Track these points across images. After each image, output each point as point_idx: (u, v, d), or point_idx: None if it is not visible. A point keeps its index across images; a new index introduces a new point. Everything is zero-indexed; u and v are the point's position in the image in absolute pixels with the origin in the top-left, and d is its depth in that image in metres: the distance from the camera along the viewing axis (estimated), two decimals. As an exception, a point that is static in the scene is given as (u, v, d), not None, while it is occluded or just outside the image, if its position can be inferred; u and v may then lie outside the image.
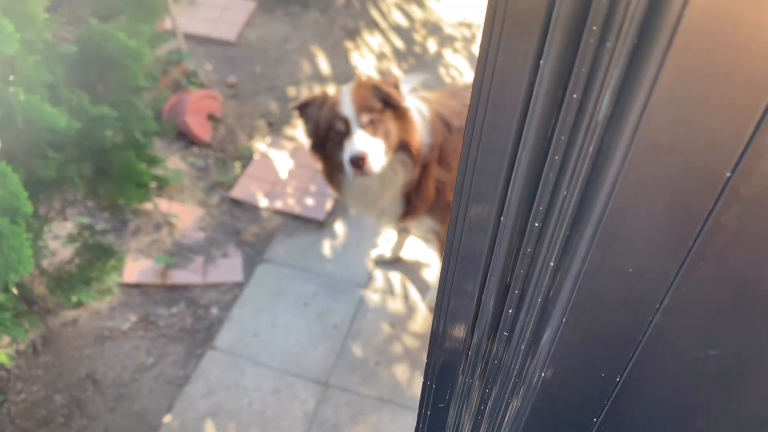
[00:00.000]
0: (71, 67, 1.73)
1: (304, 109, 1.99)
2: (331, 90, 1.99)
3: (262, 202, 2.89)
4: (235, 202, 2.91)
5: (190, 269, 2.64)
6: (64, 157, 1.76)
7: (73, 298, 2.06)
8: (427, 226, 2.26)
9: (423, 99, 2.05)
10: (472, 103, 0.45)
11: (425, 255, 2.71)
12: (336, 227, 2.81)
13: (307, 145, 2.04)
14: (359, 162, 1.82)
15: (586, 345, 0.49)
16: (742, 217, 0.36)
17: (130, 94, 1.88)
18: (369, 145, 1.83)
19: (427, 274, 2.65)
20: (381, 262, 2.68)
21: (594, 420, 0.54)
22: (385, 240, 2.75)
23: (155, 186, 2.69)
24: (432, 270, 2.67)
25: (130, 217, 2.78)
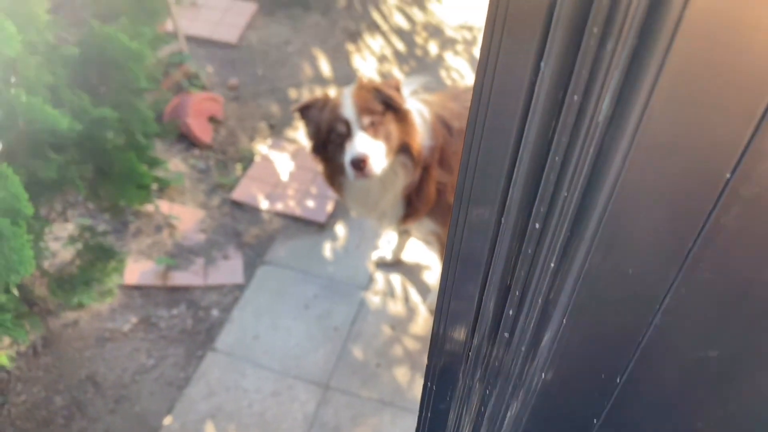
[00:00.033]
0: (73, 68, 1.73)
1: (305, 111, 1.99)
2: (332, 92, 1.99)
3: (263, 204, 2.89)
4: (236, 203, 2.91)
5: (190, 271, 2.64)
6: (65, 159, 1.77)
7: (73, 300, 2.06)
8: (427, 229, 2.26)
9: (424, 101, 2.06)
10: (473, 105, 0.46)
11: (426, 257, 2.71)
12: (337, 229, 2.81)
13: (308, 147, 2.04)
14: (360, 164, 1.82)
15: (586, 346, 0.49)
16: (742, 218, 0.36)
17: (131, 95, 1.88)
18: (370, 147, 1.84)
19: (428, 277, 2.65)
20: (382, 265, 2.68)
21: (594, 421, 0.54)
22: (386, 242, 2.75)
23: (156, 188, 2.69)
24: (433, 272, 2.67)
25: (131, 218, 2.79)
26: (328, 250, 2.74)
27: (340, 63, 3.64)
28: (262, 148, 3.16)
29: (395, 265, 2.68)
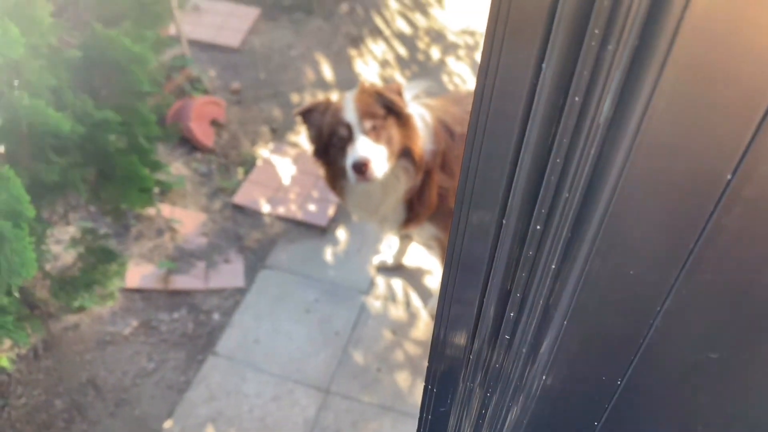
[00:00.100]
0: (76, 71, 1.74)
1: (307, 114, 1.99)
2: (334, 96, 1.99)
3: (265, 208, 2.89)
4: (238, 207, 2.91)
5: (191, 274, 2.64)
6: (67, 162, 1.77)
7: (75, 303, 2.06)
8: (429, 233, 2.26)
9: (426, 106, 2.06)
10: (474, 107, 0.46)
11: (427, 262, 2.71)
12: (338, 233, 2.81)
13: (310, 150, 2.05)
14: (362, 168, 1.82)
15: (587, 348, 0.49)
16: (743, 219, 0.36)
17: (134, 99, 1.89)
18: (371, 151, 1.84)
19: (429, 281, 2.65)
20: (383, 269, 2.68)
21: (595, 424, 0.54)
22: (387, 247, 2.75)
23: (158, 191, 2.70)
24: (434, 277, 2.66)
25: (133, 222, 2.79)
26: (329, 254, 2.74)
27: (342, 68, 3.65)
28: (264, 152, 3.17)
29: (396, 269, 2.68)
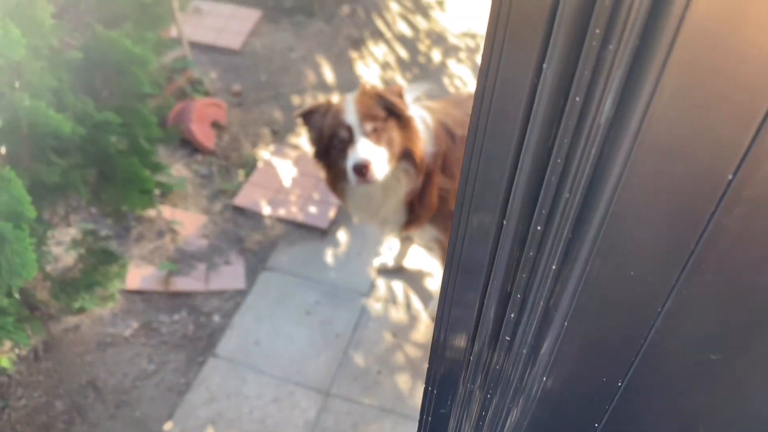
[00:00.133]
0: (77, 73, 1.74)
1: (308, 116, 1.99)
2: (335, 98, 1.99)
3: (265, 210, 2.89)
4: (239, 209, 2.91)
5: (192, 276, 2.64)
6: (68, 163, 1.77)
7: (75, 304, 2.06)
8: (430, 235, 2.26)
9: (426, 108, 2.06)
10: (474, 107, 0.46)
11: (428, 264, 2.70)
12: (339, 235, 2.81)
13: (311, 152, 2.05)
14: (362, 170, 1.82)
15: (587, 349, 0.49)
16: (745, 220, 0.36)
17: (134, 100, 1.89)
18: (372, 153, 1.84)
19: (430, 284, 2.65)
20: (383, 271, 2.68)
21: (596, 425, 0.53)
22: (388, 249, 2.75)
23: (159, 193, 2.70)
24: (435, 279, 2.66)
25: (134, 223, 2.79)
26: (330, 256, 2.74)
27: (343, 70, 3.65)
28: (265, 153, 3.17)
29: (397, 271, 2.68)
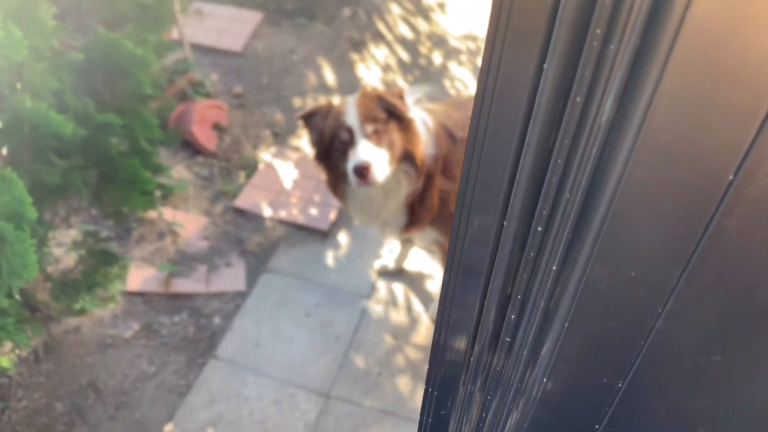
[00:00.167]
0: (78, 74, 1.74)
1: (309, 118, 1.99)
2: (336, 100, 1.99)
3: (266, 212, 2.89)
4: (239, 211, 2.91)
5: (193, 278, 2.64)
6: (69, 164, 1.77)
7: (76, 305, 2.06)
8: (430, 237, 2.26)
9: (427, 110, 2.06)
10: (475, 107, 0.45)
11: (428, 266, 2.70)
12: (339, 237, 2.81)
13: (312, 154, 2.05)
14: (363, 171, 1.82)
15: (588, 350, 0.49)
16: (746, 221, 0.36)
17: (136, 102, 1.89)
18: (373, 155, 1.84)
19: (431, 286, 2.65)
20: (384, 273, 2.68)
21: (596, 427, 0.53)
22: (389, 251, 2.75)
23: (160, 194, 2.70)
24: (435, 281, 2.66)
25: (134, 225, 2.79)
26: (330, 258, 2.74)
27: (344, 72, 3.66)
28: (266, 155, 3.17)
29: (398, 274, 2.68)
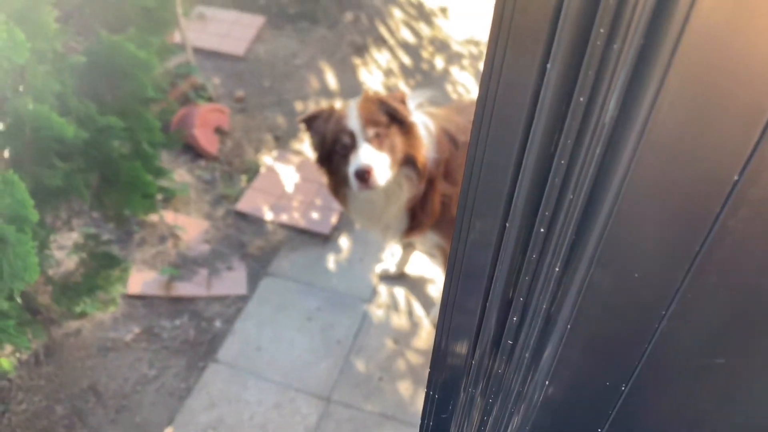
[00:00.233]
0: (80, 77, 1.74)
1: (310, 122, 1.99)
2: (338, 104, 1.99)
3: (268, 216, 2.89)
4: (241, 215, 2.91)
5: (194, 281, 2.63)
6: (71, 167, 1.77)
7: (77, 308, 2.06)
8: (432, 242, 2.26)
9: (429, 114, 2.06)
10: (478, 107, 0.45)
11: (430, 271, 2.70)
12: (341, 241, 2.81)
13: (313, 158, 2.05)
14: (364, 175, 1.82)
15: (590, 353, 0.49)
16: (750, 221, 0.36)
17: (138, 105, 1.89)
18: (374, 159, 1.84)
19: (432, 290, 2.64)
20: (385, 278, 2.67)
21: (598, 431, 0.53)
22: (390, 255, 2.74)
23: (161, 198, 2.70)
24: (436, 286, 2.66)
25: (136, 228, 2.79)
26: (331, 262, 2.74)
27: (346, 76, 3.66)
28: (268, 159, 3.17)
29: (399, 278, 2.67)
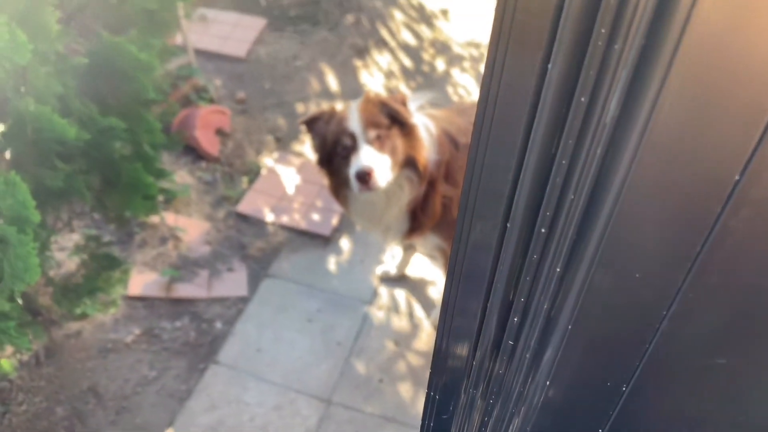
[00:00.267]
0: (82, 78, 1.74)
1: (312, 123, 2.00)
2: (339, 106, 2.00)
3: (269, 217, 2.89)
4: (242, 216, 2.91)
5: (195, 283, 2.63)
6: (72, 168, 1.77)
7: (77, 310, 2.06)
8: (432, 244, 2.26)
9: (430, 116, 2.06)
10: (479, 106, 0.45)
11: (430, 272, 2.70)
12: (341, 243, 2.81)
13: (314, 160, 2.05)
14: (365, 177, 1.82)
15: (591, 353, 0.48)
16: (752, 221, 0.36)
17: (139, 106, 1.89)
18: (375, 160, 1.84)
19: (432, 292, 2.64)
20: (386, 279, 2.67)
21: (599, 431, 0.53)
22: (391, 257, 2.74)
23: (162, 199, 2.70)
24: (437, 288, 2.65)
25: (137, 229, 2.79)
26: (332, 263, 2.74)
27: (347, 78, 3.66)
28: (269, 161, 3.17)
29: (399, 280, 2.67)
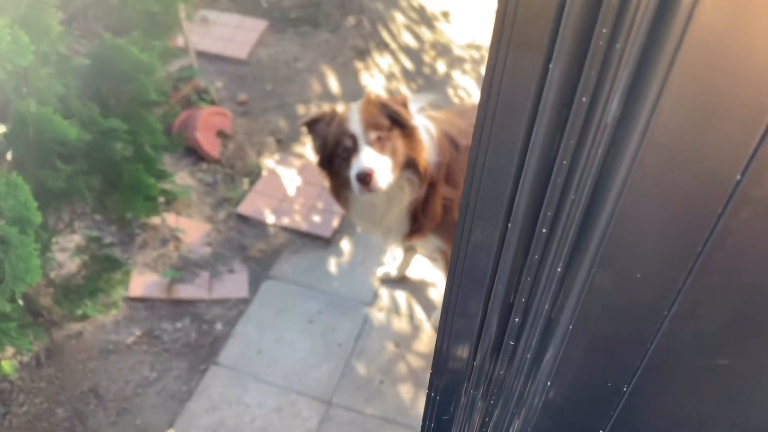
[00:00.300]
0: (83, 79, 1.74)
1: (312, 125, 2.00)
2: (339, 107, 2.00)
3: (269, 219, 2.89)
4: (243, 218, 2.91)
5: (195, 284, 2.63)
6: (73, 169, 1.77)
7: (78, 311, 2.06)
8: (433, 245, 2.26)
9: (431, 118, 2.06)
10: (480, 107, 0.45)
11: (431, 274, 2.70)
12: (342, 245, 2.81)
13: (315, 161, 2.05)
14: (366, 178, 1.82)
15: (592, 354, 0.48)
16: (753, 221, 0.36)
17: (140, 107, 1.89)
18: (376, 162, 1.84)
19: (433, 294, 2.64)
20: (387, 281, 2.67)
21: (600, 432, 0.53)
22: (391, 258, 2.74)
23: (163, 200, 2.70)
24: (438, 289, 2.65)
25: (138, 231, 2.79)
26: (333, 265, 2.74)
27: (348, 80, 3.67)
28: (270, 162, 3.17)
29: (400, 281, 2.67)
